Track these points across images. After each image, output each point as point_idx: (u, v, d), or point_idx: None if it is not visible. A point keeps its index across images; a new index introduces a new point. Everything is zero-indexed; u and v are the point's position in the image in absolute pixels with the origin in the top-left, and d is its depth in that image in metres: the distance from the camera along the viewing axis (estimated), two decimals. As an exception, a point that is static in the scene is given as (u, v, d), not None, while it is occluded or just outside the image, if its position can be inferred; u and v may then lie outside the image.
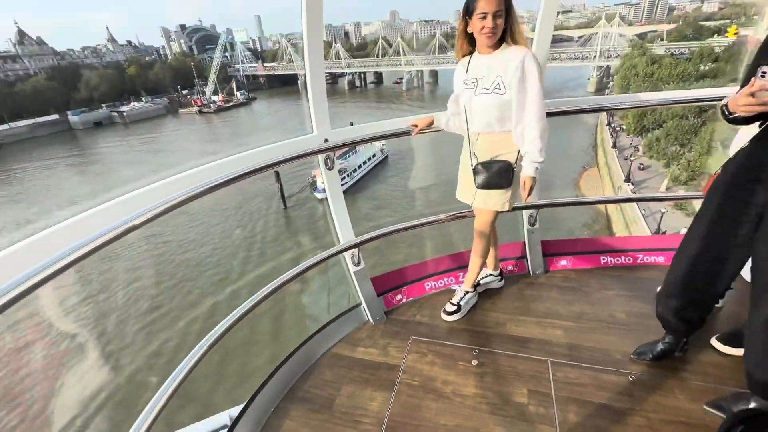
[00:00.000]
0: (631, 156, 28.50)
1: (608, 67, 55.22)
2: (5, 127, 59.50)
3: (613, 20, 61.29)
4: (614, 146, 31.19)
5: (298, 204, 27.78)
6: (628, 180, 25.58)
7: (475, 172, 1.97)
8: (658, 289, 1.82)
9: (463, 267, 2.62)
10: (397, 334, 2.20)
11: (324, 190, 2.32)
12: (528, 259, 2.60)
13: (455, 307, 2.27)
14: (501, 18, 1.71)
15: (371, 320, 2.30)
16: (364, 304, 2.32)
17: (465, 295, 2.31)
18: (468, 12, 1.75)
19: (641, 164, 27.63)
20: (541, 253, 2.60)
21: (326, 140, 2.07)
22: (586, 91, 55.88)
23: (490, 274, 2.47)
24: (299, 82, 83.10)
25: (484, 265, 2.28)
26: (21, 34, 74.80)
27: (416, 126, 2.12)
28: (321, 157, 2.11)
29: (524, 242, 2.61)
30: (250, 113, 69.12)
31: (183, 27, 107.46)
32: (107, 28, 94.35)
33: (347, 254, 2.30)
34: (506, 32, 1.77)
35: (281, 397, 1.88)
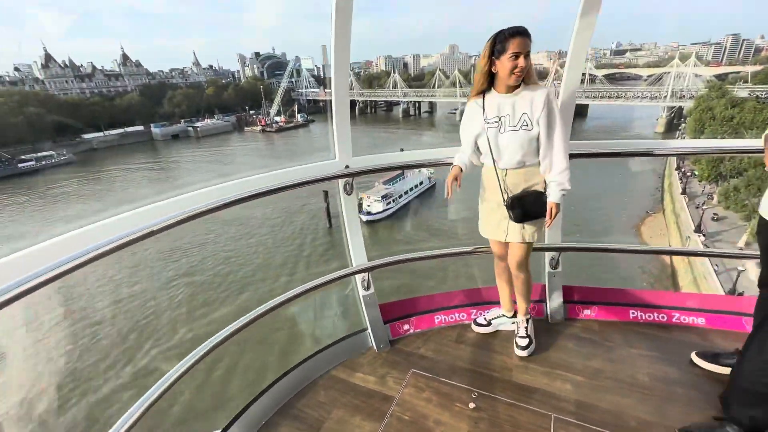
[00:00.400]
0: (703, 204, 26.05)
1: (680, 108, 51.78)
2: (100, 134, 68.24)
3: (688, 60, 57.87)
4: (683, 192, 28.76)
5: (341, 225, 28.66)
6: (699, 230, 23.32)
7: (510, 207, 1.96)
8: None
9: (477, 304, 2.55)
10: (398, 365, 2.17)
11: (368, 213, 2.42)
12: (547, 304, 2.47)
13: (527, 340, 2.21)
14: (528, 58, 1.77)
15: (375, 347, 2.29)
16: (369, 330, 2.32)
17: (524, 321, 2.27)
18: (496, 52, 1.80)
19: (715, 214, 25.13)
20: (562, 299, 2.45)
21: (347, 166, 2.16)
22: (654, 131, 52.62)
23: (503, 315, 2.37)
24: (356, 108, 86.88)
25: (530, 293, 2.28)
26: (124, 57, 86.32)
27: (456, 181, 1.94)
28: (341, 183, 2.20)
29: (544, 285, 2.49)
30: (308, 134, 73.21)
31: (257, 54, 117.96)
32: (194, 53, 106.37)
33: (358, 277, 2.34)
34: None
35: (274, 411, 1.91)
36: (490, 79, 1.91)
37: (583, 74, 76.82)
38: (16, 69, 73.60)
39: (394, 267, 2.41)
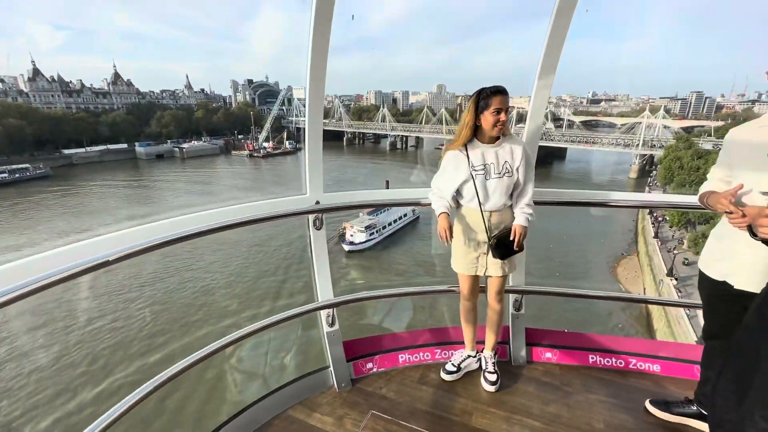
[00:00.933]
0: (675, 249, 27.05)
1: (651, 156, 54.86)
2: (82, 150, 66.92)
3: (657, 112, 61.99)
4: (656, 236, 29.86)
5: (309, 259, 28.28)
6: (671, 274, 24.04)
7: (495, 246, 2.12)
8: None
9: (442, 343, 2.56)
10: (358, 405, 2.13)
11: (351, 243, 2.45)
12: (510, 346, 2.49)
13: (496, 375, 2.30)
14: (508, 113, 2.01)
15: (336, 386, 2.25)
16: (331, 368, 2.28)
17: (492, 357, 2.36)
18: (480, 108, 2.01)
19: (686, 259, 26.03)
20: (525, 341, 2.49)
21: (317, 202, 2.21)
22: (628, 176, 55.37)
23: (469, 356, 2.39)
24: (345, 138, 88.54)
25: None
26: (116, 75, 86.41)
27: (447, 232, 2.02)
28: (310, 218, 2.24)
29: (508, 327, 2.53)
30: (295, 161, 73.62)
31: (250, 81, 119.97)
32: (187, 76, 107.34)
33: (323, 313, 2.32)
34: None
35: None
36: (473, 131, 2.09)
37: (562, 119, 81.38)
38: (0, 80, 72.54)
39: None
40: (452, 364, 2.39)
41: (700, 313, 1.98)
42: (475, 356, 2.39)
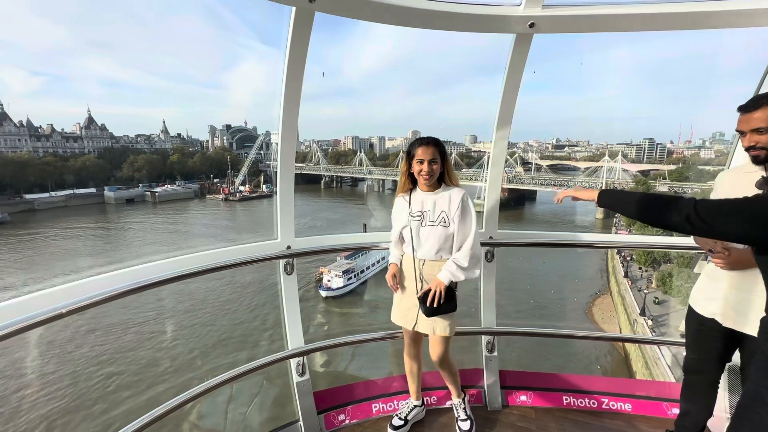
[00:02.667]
0: (646, 288, 27.66)
1: (615, 198, 58.07)
2: (46, 195, 64.21)
3: (616, 157, 66.74)
4: (626, 275, 30.64)
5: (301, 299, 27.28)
6: (643, 314, 24.43)
7: (422, 300, 2.01)
8: None
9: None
10: None
11: (329, 288, 2.42)
12: (485, 389, 2.46)
13: (469, 422, 2.21)
14: (437, 164, 2.03)
15: (305, 442, 2.12)
16: (301, 422, 2.17)
17: (461, 403, 2.28)
18: (409, 156, 2.08)
19: (656, 298, 26.60)
20: (499, 384, 2.47)
21: (288, 247, 2.22)
22: (596, 217, 58.11)
23: (415, 406, 2.33)
24: (322, 182, 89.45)
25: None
26: (90, 120, 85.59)
27: (396, 278, 2.17)
28: (281, 263, 2.23)
29: (482, 369, 2.51)
30: (271, 205, 73.17)
31: (228, 126, 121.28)
32: (164, 121, 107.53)
33: (293, 362, 2.25)
34: (444, 174, 2.06)
35: None
36: (411, 179, 2.14)
37: (530, 163, 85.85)
38: (-37, 124, 70.25)
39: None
40: (398, 417, 2.25)
41: (676, 353, 2.05)
42: (420, 406, 2.35)
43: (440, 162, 2.03)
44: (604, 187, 1.71)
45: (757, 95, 1.65)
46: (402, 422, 2.26)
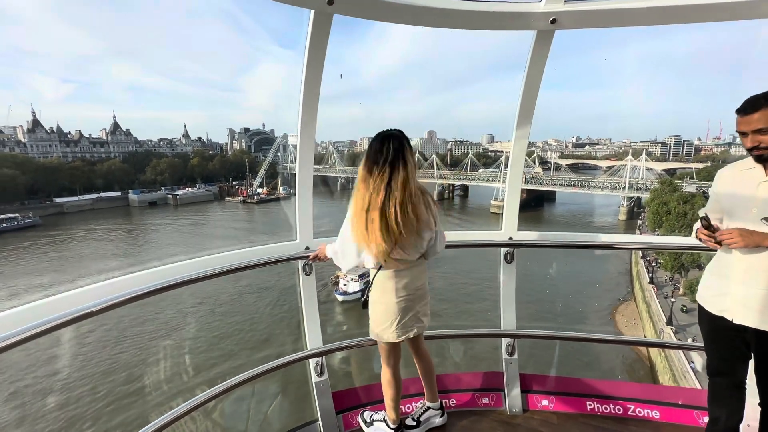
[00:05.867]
0: (672, 296, 26.36)
1: (639, 198, 56.32)
2: (74, 198, 67.01)
3: (640, 156, 64.67)
4: (651, 281, 29.33)
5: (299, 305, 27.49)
6: (670, 323, 23.21)
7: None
8: None
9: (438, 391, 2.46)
10: None
11: (345, 293, 2.44)
12: (505, 394, 2.41)
13: (414, 423, 2.20)
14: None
15: (324, 442, 2.13)
16: (320, 422, 2.18)
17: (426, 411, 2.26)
18: None
19: (684, 306, 25.20)
20: (520, 388, 2.42)
21: (307, 248, 2.23)
22: (618, 218, 56.42)
23: (429, 407, 2.29)
24: (338, 184, 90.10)
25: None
26: (115, 125, 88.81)
27: None
28: (300, 263, 2.25)
29: (502, 373, 2.47)
30: (288, 206, 74.22)
31: (247, 129, 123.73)
32: (185, 125, 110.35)
33: (312, 362, 2.26)
34: None
35: None
36: None
37: (549, 163, 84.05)
38: (-1, 131, 73.99)
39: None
40: (411, 418, 2.24)
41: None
42: (438, 409, 2.33)
43: None
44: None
45: (752, 97, 1.64)
46: (414, 423, 2.24)
